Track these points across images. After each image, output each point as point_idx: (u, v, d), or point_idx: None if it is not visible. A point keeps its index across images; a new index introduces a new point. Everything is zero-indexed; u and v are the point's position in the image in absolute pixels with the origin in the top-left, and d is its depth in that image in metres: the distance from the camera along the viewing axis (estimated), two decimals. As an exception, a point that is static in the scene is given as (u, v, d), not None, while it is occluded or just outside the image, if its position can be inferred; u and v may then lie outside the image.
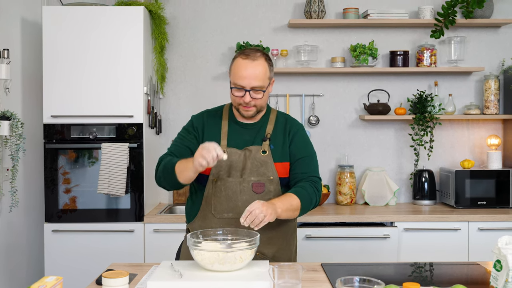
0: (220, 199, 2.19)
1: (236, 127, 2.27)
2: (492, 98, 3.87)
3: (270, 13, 4.00)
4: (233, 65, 2.20)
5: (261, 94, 2.18)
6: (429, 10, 3.85)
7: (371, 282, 1.56)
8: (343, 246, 3.35)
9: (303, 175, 2.25)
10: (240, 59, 2.18)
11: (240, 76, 2.15)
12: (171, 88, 4.00)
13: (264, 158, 2.21)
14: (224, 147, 2.20)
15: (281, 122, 2.31)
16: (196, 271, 1.95)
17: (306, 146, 2.30)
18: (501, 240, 1.70)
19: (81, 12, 3.39)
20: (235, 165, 2.20)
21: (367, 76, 4.00)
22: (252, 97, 2.16)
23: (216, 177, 2.20)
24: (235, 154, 2.21)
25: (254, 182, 2.19)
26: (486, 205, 3.65)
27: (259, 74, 2.15)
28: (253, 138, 2.25)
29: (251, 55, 2.17)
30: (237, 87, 2.16)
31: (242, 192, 2.19)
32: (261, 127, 2.27)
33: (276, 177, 2.22)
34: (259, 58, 2.17)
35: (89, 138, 3.41)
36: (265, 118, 2.30)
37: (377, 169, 3.87)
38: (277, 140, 2.26)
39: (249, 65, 2.15)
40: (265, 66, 2.18)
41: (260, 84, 2.16)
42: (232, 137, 2.24)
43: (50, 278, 1.54)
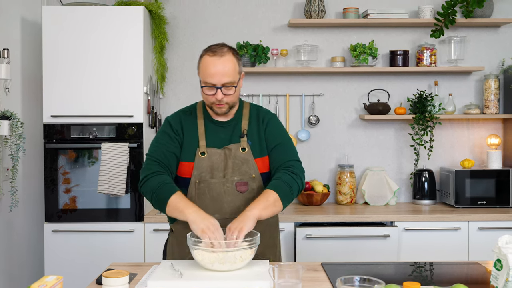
0: (205, 201, 2.17)
1: (212, 126, 2.24)
2: (492, 97, 3.87)
3: (270, 12, 4.00)
4: (201, 63, 2.16)
5: (233, 90, 2.15)
6: (429, 9, 3.85)
7: (371, 282, 1.56)
8: (343, 246, 3.34)
9: (277, 163, 2.23)
10: (208, 57, 2.13)
11: (210, 73, 2.11)
12: (171, 88, 4.00)
13: (244, 156, 2.20)
14: (203, 147, 2.19)
15: (254, 116, 2.29)
16: (196, 271, 1.95)
17: (280, 133, 2.29)
18: (502, 239, 1.70)
19: (81, 12, 3.39)
20: (216, 166, 2.18)
21: (367, 76, 4.00)
22: (224, 94, 2.13)
23: (199, 179, 2.18)
24: (215, 154, 2.19)
25: (237, 182, 2.18)
26: (486, 205, 3.65)
27: (229, 70, 2.12)
28: (230, 136, 2.23)
29: (218, 51, 2.13)
30: (208, 86, 2.13)
31: (226, 192, 2.18)
32: (236, 124, 2.25)
33: (258, 175, 2.21)
34: (227, 53, 2.14)
35: (89, 138, 3.41)
36: (239, 114, 2.28)
37: (377, 168, 3.86)
38: (254, 134, 2.25)
39: (218, 62, 2.11)
40: (234, 61, 2.15)
41: (231, 79, 2.12)
42: (210, 136, 2.22)
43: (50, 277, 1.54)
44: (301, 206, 3.77)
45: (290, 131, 3.98)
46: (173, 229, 2.27)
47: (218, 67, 2.11)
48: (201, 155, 2.19)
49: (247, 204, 2.13)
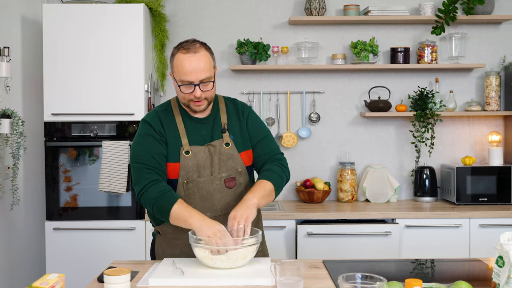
0: (195, 200, 2.14)
1: (192, 123, 2.20)
2: (493, 94, 3.86)
3: (271, 10, 3.99)
4: (175, 61, 2.10)
5: (211, 85, 2.12)
6: (430, 6, 3.84)
7: (373, 279, 1.55)
8: (345, 243, 3.34)
9: (266, 156, 2.24)
10: (181, 54, 2.08)
11: (186, 71, 2.06)
12: (172, 86, 3.99)
13: (229, 151, 2.18)
14: (186, 146, 2.15)
15: (232, 109, 2.27)
16: (198, 268, 1.95)
17: (261, 127, 2.30)
18: (503, 236, 1.69)
19: (81, 10, 3.39)
20: (202, 164, 2.15)
21: (368, 73, 4.00)
22: (202, 90, 2.09)
23: (186, 179, 2.15)
24: (200, 152, 2.15)
25: (225, 178, 2.17)
26: (487, 202, 3.65)
27: (205, 65, 2.08)
28: (211, 131, 2.20)
29: (191, 48, 2.08)
30: (185, 84, 2.08)
31: (215, 190, 2.16)
32: (215, 119, 2.22)
33: (243, 169, 2.21)
34: (200, 49, 2.10)
35: (89, 136, 3.41)
36: (216, 109, 2.24)
37: (378, 166, 3.86)
38: (235, 128, 2.23)
39: (192, 59, 2.06)
40: (208, 56, 2.11)
41: (208, 75, 2.08)
42: (191, 134, 2.17)
43: (52, 275, 1.54)
44: (302, 203, 3.77)
45: (291, 129, 3.98)
46: (160, 231, 2.22)
47: (194, 64, 2.06)
48: (185, 154, 2.14)
49: (237, 199, 2.14)
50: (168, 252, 2.20)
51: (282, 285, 1.72)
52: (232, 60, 3.98)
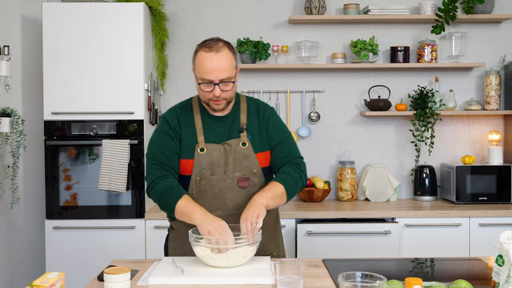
0: (207, 198, 2.15)
1: (210, 121, 2.20)
2: (493, 93, 3.86)
3: (271, 9, 3.99)
4: (197, 59, 2.11)
5: (231, 86, 2.11)
6: (430, 5, 3.84)
7: (373, 278, 1.55)
8: (344, 242, 3.35)
9: (285, 159, 2.22)
10: (204, 52, 2.09)
11: (207, 70, 2.07)
12: (172, 85, 3.99)
13: (245, 151, 2.17)
14: (202, 143, 2.16)
15: (253, 109, 2.25)
16: (198, 267, 1.95)
17: (282, 129, 2.27)
18: (503, 235, 1.70)
19: (81, 9, 3.38)
20: (216, 162, 2.15)
21: (368, 72, 4.00)
22: (222, 90, 2.09)
23: (199, 176, 2.15)
24: (215, 150, 2.16)
25: (239, 177, 2.16)
26: (487, 201, 3.65)
27: (226, 65, 2.08)
28: (228, 130, 2.20)
29: (214, 46, 2.09)
30: (205, 82, 2.08)
31: (228, 189, 2.15)
32: (234, 118, 2.22)
33: (259, 170, 2.19)
34: (222, 48, 2.10)
35: (89, 135, 3.41)
36: (236, 108, 2.24)
37: (378, 165, 3.86)
38: (254, 129, 2.22)
39: (214, 58, 2.07)
40: (230, 56, 2.11)
41: (228, 75, 2.09)
42: (208, 132, 2.18)
43: (52, 274, 1.54)
44: (302, 202, 3.77)
45: (291, 128, 3.98)
46: (174, 226, 2.26)
47: (215, 63, 2.06)
48: (200, 151, 2.15)
49: (249, 200, 2.12)
50: (180, 248, 2.21)
51: (282, 284, 1.72)
52: (232, 59, 3.98)
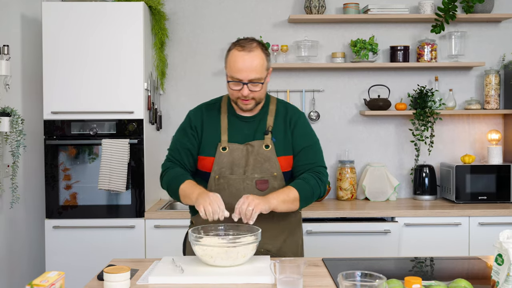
0: (224, 197, 2.13)
1: (236, 121, 2.21)
2: (492, 93, 3.86)
3: (270, 8, 3.99)
4: (229, 57, 2.12)
5: (260, 87, 2.11)
6: (430, 5, 3.84)
7: (372, 277, 1.55)
8: (344, 241, 3.35)
9: (307, 166, 2.19)
10: (236, 51, 2.10)
11: (237, 69, 2.07)
12: (171, 84, 3.99)
13: (267, 153, 2.16)
14: (225, 142, 2.17)
15: (282, 113, 2.24)
16: (198, 266, 1.95)
17: (308, 135, 2.24)
18: (503, 234, 1.70)
19: (81, 8, 3.38)
20: (237, 162, 2.15)
21: (368, 72, 4.00)
22: (250, 90, 2.09)
23: (218, 174, 2.16)
24: (237, 150, 2.16)
25: (257, 179, 2.15)
26: (487, 200, 3.66)
27: (257, 66, 2.08)
28: (254, 131, 2.19)
29: (247, 46, 2.09)
30: (234, 81, 2.09)
31: (245, 189, 2.15)
32: (261, 120, 2.21)
33: (279, 173, 2.17)
34: (255, 49, 2.10)
35: (89, 134, 3.41)
36: (264, 109, 2.23)
37: (377, 164, 3.86)
38: (279, 132, 2.20)
39: (246, 57, 2.07)
40: (262, 57, 2.11)
41: (258, 76, 2.09)
42: (232, 131, 2.19)
43: (52, 273, 1.54)
44: (301, 202, 3.77)
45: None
46: (193, 222, 2.27)
47: (246, 62, 2.06)
48: (222, 150, 2.16)
49: None
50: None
51: (281, 283, 1.72)
52: (232, 59, 3.98)
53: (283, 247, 2.22)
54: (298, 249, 2.32)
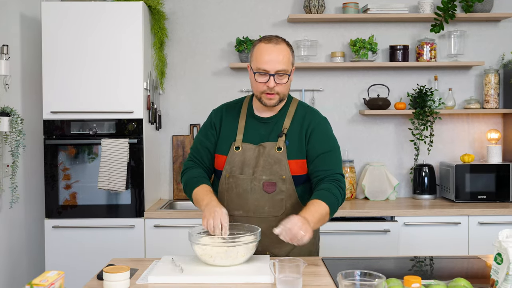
0: (232, 196, 2.17)
1: (253, 122, 2.21)
2: (492, 92, 3.87)
3: (270, 8, 3.99)
4: (255, 50, 2.13)
5: (286, 79, 2.10)
6: (429, 4, 3.84)
7: (372, 276, 1.56)
8: (344, 241, 3.35)
9: (325, 173, 2.14)
10: (263, 44, 2.11)
11: (264, 60, 2.08)
12: (171, 84, 4.00)
13: (278, 156, 2.14)
14: (239, 142, 2.18)
15: (300, 116, 2.21)
16: (197, 266, 1.95)
17: (327, 141, 2.20)
18: (502, 233, 1.70)
19: (80, 8, 3.38)
20: (248, 162, 2.16)
21: (367, 71, 4.00)
22: (276, 82, 2.09)
23: (229, 173, 2.18)
24: (249, 150, 2.16)
25: (265, 181, 2.14)
26: (486, 199, 3.66)
27: (283, 58, 2.09)
28: (269, 133, 2.18)
29: (273, 39, 2.12)
30: (261, 72, 2.09)
31: (252, 190, 2.14)
32: (277, 121, 2.20)
33: (288, 176, 2.14)
34: (282, 43, 2.12)
35: (89, 134, 3.41)
36: (283, 111, 2.22)
37: (377, 163, 3.87)
38: (293, 135, 2.18)
39: (273, 49, 2.09)
40: (288, 51, 2.12)
41: (285, 67, 2.08)
42: (248, 131, 2.19)
43: (51, 272, 1.54)
44: (301, 201, 3.77)
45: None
46: None
47: (273, 54, 2.08)
48: (235, 149, 2.18)
49: (273, 206, 2.13)
50: None
51: (281, 282, 1.72)
52: (231, 58, 3.98)
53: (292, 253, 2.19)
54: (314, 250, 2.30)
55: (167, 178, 3.99)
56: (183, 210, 3.52)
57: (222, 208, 2.02)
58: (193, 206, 3.78)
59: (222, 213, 2.00)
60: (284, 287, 1.72)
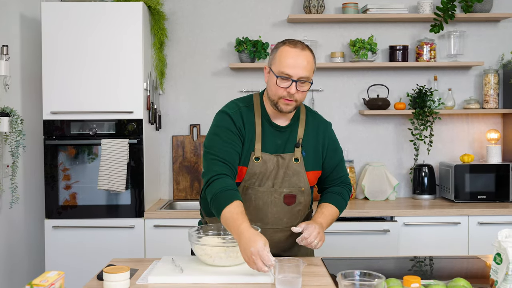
0: (249, 208, 2.07)
1: (270, 130, 2.10)
2: (491, 92, 3.87)
3: (269, 8, 3.99)
4: (279, 53, 2.03)
5: (307, 86, 2.03)
6: (429, 4, 3.85)
7: (371, 276, 1.56)
8: (343, 241, 3.35)
9: (338, 180, 2.24)
10: (288, 47, 2.02)
11: (289, 64, 1.98)
12: (171, 84, 4.00)
13: (296, 167, 2.10)
14: (258, 151, 2.07)
15: (312, 124, 2.17)
16: (197, 266, 1.95)
17: (338, 149, 2.24)
18: (501, 233, 1.70)
19: (80, 8, 3.38)
20: (267, 174, 2.07)
21: (367, 71, 4.00)
22: (297, 89, 2.00)
23: (248, 185, 2.09)
24: (269, 161, 2.07)
25: (286, 194, 2.09)
26: (486, 199, 3.66)
27: (307, 64, 2.01)
28: (285, 142, 2.11)
29: (299, 44, 2.03)
30: (283, 77, 1.99)
31: (272, 203, 2.09)
32: (292, 130, 2.13)
33: (307, 188, 2.13)
34: (307, 49, 2.04)
35: (88, 134, 3.41)
36: (295, 119, 2.15)
37: (377, 164, 3.87)
38: (309, 145, 2.14)
39: (299, 54, 2.00)
40: (312, 58, 2.05)
41: (308, 75, 2.01)
42: (265, 140, 2.09)
43: (51, 273, 1.54)
44: (301, 201, 3.77)
45: (290, 127, 3.98)
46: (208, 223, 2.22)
47: (300, 59, 1.99)
48: (255, 160, 2.07)
49: (291, 217, 2.13)
50: None
51: (280, 282, 1.72)
52: (231, 58, 3.99)
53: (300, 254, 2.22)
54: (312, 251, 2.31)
55: (167, 178, 4.00)
56: (183, 210, 3.52)
57: (260, 242, 1.76)
58: (193, 206, 3.80)
59: (262, 250, 1.75)
60: (284, 287, 1.72)
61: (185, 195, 3.94)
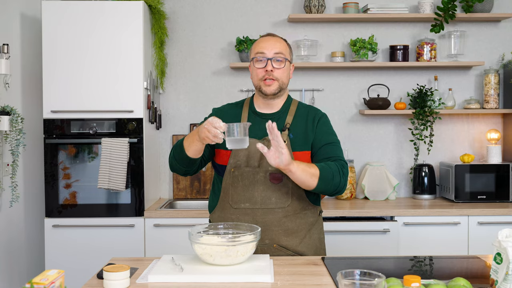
0: (237, 189, 2.18)
1: (256, 118, 2.24)
2: (492, 92, 3.87)
3: (270, 7, 3.99)
4: (254, 44, 2.23)
5: (283, 64, 2.15)
6: (429, 4, 3.85)
7: (371, 276, 1.56)
8: (343, 241, 3.35)
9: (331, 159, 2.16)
10: (261, 37, 2.24)
11: (261, 46, 2.17)
12: (171, 83, 4.00)
13: None
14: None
15: (302, 113, 2.26)
16: (197, 265, 1.95)
17: (331, 134, 2.24)
18: (501, 233, 1.70)
19: (80, 7, 3.38)
20: (253, 155, 2.18)
21: (367, 71, 4.00)
22: (274, 67, 2.14)
23: (234, 167, 2.19)
24: (254, 144, 2.17)
25: (271, 172, 2.16)
26: (486, 199, 3.66)
27: (280, 45, 2.18)
28: None
29: (271, 34, 2.24)
30: (258, 57, 2.16)
31: (258, 182, 2.17)
32: (279, 118, 2.23)
33: None
34: (279, 37, 2.23)
35: (89, 133, 3.41)
36: (284, 109, 2.26)
37: (377, 163, 3.87)
38: (298, 129, 2.21)
39: (270, 38, 2.20)
40: (285, 44, 2.22)
41: (280, 50, 2.16)
42: (251, 127, 2.18)
43: (51, 271, 1.54)
44: (301, 201, 3.77)
45: (290, 126, 3.98)
46: (211, 220, 2.30)
47: (271, 41, 2.18)
48: None
49: (280, 197, 2.15)
50: None
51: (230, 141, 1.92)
52: (232, 58, 3.99)
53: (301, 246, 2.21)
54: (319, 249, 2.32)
55: (167, 177, 4.00)
56: (183, 210, 3.52)
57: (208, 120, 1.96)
58: (193, 205, 3.81)
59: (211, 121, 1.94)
60: (233, 145, 1.93)
61: (185, 194, 3.94)
